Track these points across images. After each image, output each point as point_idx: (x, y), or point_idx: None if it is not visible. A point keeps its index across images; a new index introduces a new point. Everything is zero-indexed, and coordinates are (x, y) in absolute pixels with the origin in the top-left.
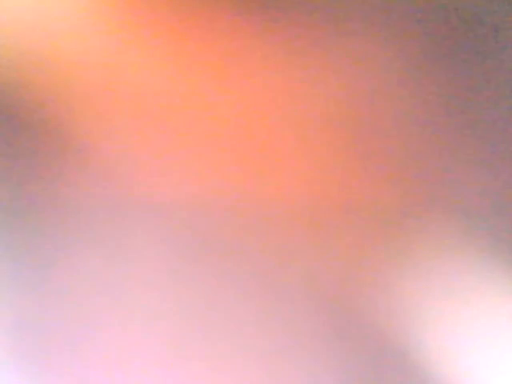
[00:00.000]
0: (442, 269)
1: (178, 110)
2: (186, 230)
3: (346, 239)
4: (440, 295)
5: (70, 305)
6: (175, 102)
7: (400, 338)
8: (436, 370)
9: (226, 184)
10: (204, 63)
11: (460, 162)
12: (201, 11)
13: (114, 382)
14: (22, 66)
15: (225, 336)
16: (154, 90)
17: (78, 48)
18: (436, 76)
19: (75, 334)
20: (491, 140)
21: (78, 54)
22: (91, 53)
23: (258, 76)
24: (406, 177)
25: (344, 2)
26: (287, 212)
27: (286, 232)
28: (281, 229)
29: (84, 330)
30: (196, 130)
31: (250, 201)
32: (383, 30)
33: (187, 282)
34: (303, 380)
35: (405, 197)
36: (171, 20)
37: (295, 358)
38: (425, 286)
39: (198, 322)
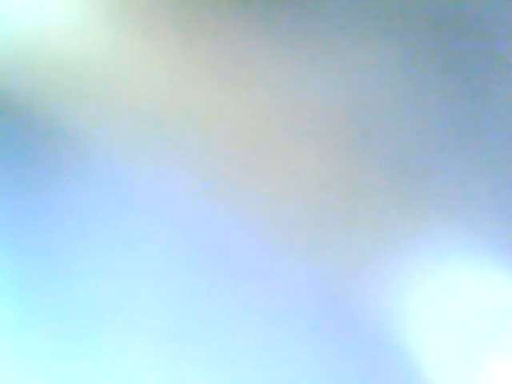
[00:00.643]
0: (441, 269)
1: (178, 109)
2: (185, 228)
3: (346, 240)
4: (440, 295)
5: (70, 302)
6: (176, 102)
7: (400, 338)
8: (436, 368)
9: (226, 183)
10: (205, 64)
11: (459, 163)
12: (204, 14)
13: (114, 378)
14: (21, 66)
15: (224, 335)
16: (156, 91)
17: (80, 49)
18: (435, 76)
19: (76, 331)
20: (491, 140)
21: (80, 55)
22: (93, 53)
23: (258, 79)
24: (406, 177)
25: (343, 6)
26: (286, 213)
27: (285, 233)
28: (280, 229)
29: (84, 326)
30: (196, 130)
31: (250, 200)
32: (383, 33)
33: (190, 280)
34: (303, 379)
35: (404, 197)
36: (174, 22)
37: (295, 357)
38: (425, 286)
39: (199, 321)
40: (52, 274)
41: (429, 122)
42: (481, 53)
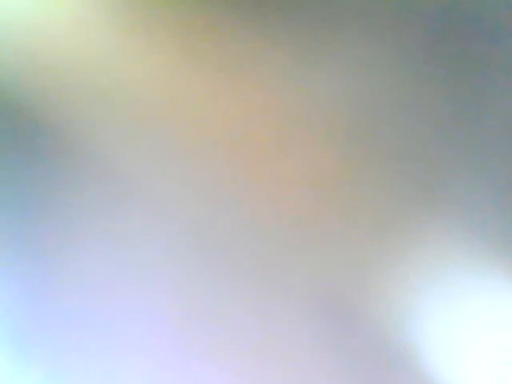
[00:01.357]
0: (441, 269)
1: (178, 110)
2: (185, 229)
3: (346, 240)
4: (440, 295)
5: (71, 302)
6: (175, 103)
7: (400, 338)
8: (436, 369)
9: (225, 183)
10: (205, 65)
11: (459, 163)
12: (202, 14)
13: (114, 378)
14: (22, 66)
15: (225, 338)
16: (155, 91)
17: (80, 49)
18: (436, 77)
19: (75, 330)
20: (490, 141)
21: (80, 55)
22: (92, 54)
23: (256, 79)
24: (405, 177)
25: (344, 6)
26: (286, 212)
27: (285, 233)
28: (280, 230)
29: (84, 326)
30: (195, 131)
31: (250, 200)
32: (383, 32)
33: (187, 279)
34: (303, 379)
35: (403, 198)
36: (172, 22)
37: (295, 358)
38: (425, 287)
39: (199, 321)
40: (50, 274)
41: (431, 124)
42: (487, 57)
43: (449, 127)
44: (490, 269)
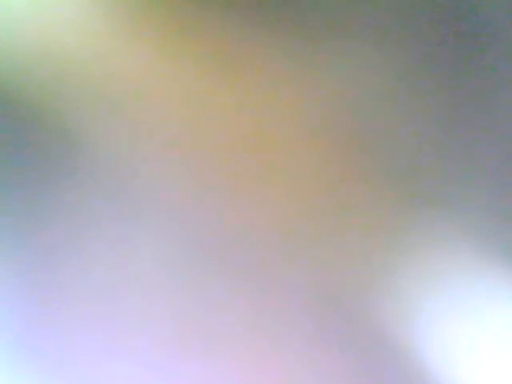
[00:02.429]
0: (441, 269)
1: (178, 109)
2: (186, 230)
3: (346, 240)
4: (440, 295)
5: (71, 304)
6: (176, 102)
7: (400, 338)
8: (436, 369)
9: (226, 183)
10: (205, 64)
11: (459, 164)
12: (204, 12)
13: (114, 380)
14: (22, 66)
15: (224, 337)
16: (156, 90)
17: (79, 48)
18: (433, 79)
19: (75, 332)
20: (489, 140)
21: (81, 54)
22: (92, 53)
23: (255, 80)
24: (405, 178)
25: (343, 9)
26: (286, 212)
27: (284, 233)
28: (280, 230)
29: (84, 328)
30: (195, 130)
31: (249, 200)
32: (381, 35)
33: (187, 280)
34: (303, 379)
35: (404, 199)
36: (172, 20)
37: (295, 357)
38: (425, 287)
39: (197, 322)
40: (52, 275)
41: (428, 125)
42: (486, 60)
43: (448, 132)
44: (489, 269)
